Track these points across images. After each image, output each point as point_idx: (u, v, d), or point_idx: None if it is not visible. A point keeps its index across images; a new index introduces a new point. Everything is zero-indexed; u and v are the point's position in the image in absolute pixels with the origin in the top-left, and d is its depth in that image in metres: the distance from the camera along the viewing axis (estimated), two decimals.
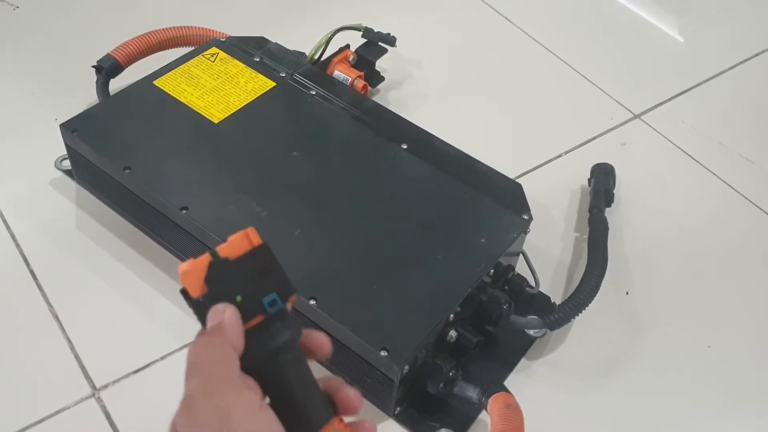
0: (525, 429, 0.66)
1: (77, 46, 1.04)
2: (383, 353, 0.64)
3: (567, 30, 1.16)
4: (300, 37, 0.97)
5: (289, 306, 0.41)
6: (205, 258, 0.39)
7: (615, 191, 0.89)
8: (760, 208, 0.92)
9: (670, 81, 1.09)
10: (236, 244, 0.40)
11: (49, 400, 0.69)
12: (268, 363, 0.40)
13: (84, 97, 0.92)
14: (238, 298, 0.40)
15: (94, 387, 0.70)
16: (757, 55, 1.14)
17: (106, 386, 0.70)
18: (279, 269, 0.41)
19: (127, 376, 0.71)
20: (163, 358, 0.73)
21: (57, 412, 0.68)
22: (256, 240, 0.41)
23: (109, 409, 0.69)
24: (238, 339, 0.39)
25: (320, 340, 0.43)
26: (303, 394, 0.40)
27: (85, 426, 0.68)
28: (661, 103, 1.05)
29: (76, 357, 0.72)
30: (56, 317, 0.75)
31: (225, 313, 0.39)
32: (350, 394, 0.42)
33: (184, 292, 0.40)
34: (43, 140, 0.89)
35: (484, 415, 0.70)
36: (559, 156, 0.97)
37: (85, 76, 0.91)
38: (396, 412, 0.70)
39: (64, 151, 0.84)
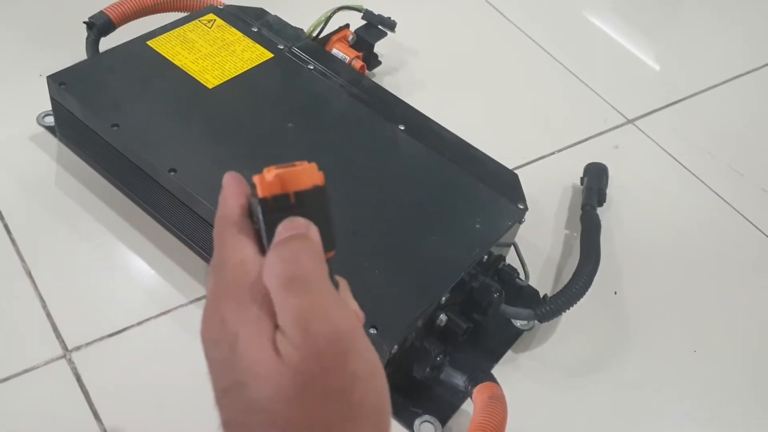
0: (508, 422, 0.64)
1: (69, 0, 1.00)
2: (372, 331, 0.62)
3: (564, 34, 1.15)
4: (299, 13, 0.95)
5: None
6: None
7: (606, 192, 0.88)
8: (747, 219, 0.92)
9: (663, 90, 1.08)
10: (303, 174, 0.36)
11: (17, 358, 0.65)
12: None
13: (72, 53, 0.88)
14: None
15: (65, 348, 0.67)
16: (749, 72, 1.14)
17: (78, 348, 0.67)
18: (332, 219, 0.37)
19: (101, 339, 0.68)
20: (140, 323, 0.69)
21: (25, 371, 0.65)
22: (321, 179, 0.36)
23: (80, 371, 0.65)
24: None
25: None
26: None
27: (54, 387, 0.64)
28: (654, 111, 1.05)
29: (48, 316, 0.68)
30: (29, 274, 0.71)
31: (311, 229, 0.36)
32: None
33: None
34: (26, 94, 0.85)
35: (468, 405, 0.68)
36: (552, 154, 0.96)
37: (75, 32, 0.88)
38: None
39: (47, 107, 0.81)
